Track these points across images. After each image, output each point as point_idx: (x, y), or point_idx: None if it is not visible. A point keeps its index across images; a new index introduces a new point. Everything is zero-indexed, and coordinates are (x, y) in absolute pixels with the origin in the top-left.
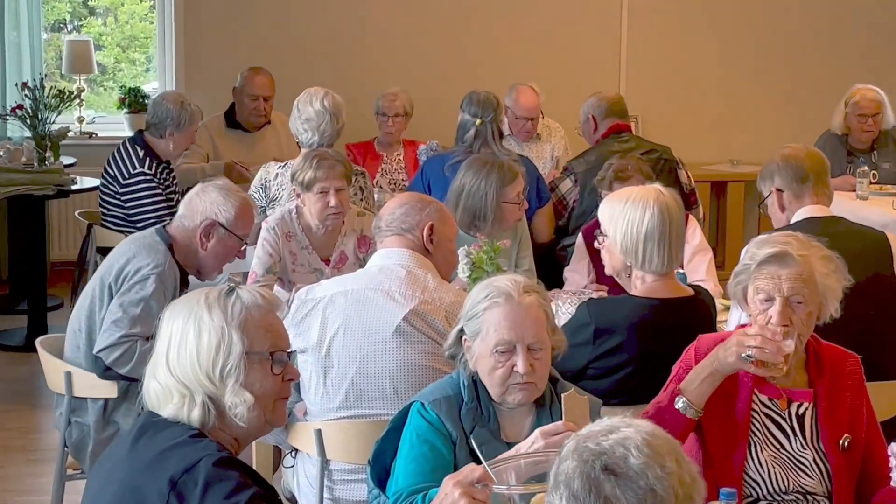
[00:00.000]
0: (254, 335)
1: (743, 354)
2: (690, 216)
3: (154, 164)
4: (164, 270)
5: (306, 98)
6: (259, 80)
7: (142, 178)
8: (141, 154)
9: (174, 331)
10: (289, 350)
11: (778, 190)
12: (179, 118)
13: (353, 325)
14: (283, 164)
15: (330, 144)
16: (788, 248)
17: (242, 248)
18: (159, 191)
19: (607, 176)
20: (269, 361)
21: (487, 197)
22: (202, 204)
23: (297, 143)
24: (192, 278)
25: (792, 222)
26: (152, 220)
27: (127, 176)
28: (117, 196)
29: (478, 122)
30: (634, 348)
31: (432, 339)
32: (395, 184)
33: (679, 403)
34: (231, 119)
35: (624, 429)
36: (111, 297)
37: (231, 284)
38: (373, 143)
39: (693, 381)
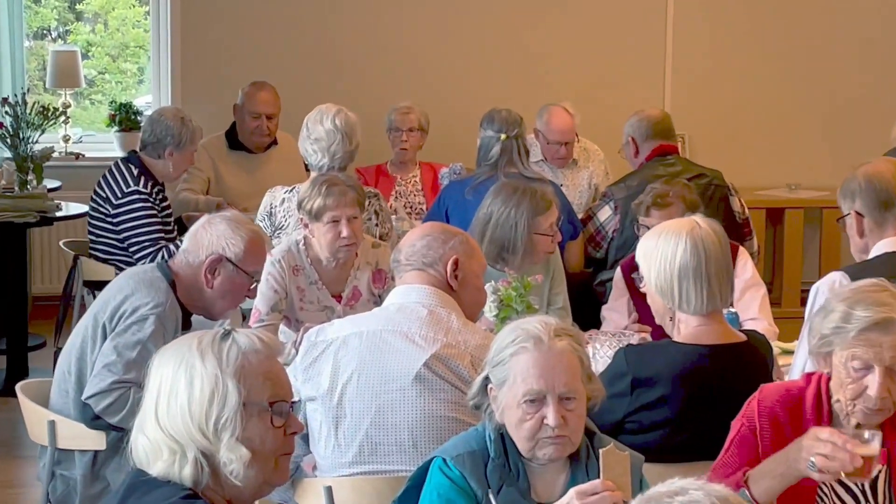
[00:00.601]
0: (252, 384)
1: (807, 463)
2: (741, 248)
3: (150, 185)
4: (164, 311)
5: (317, 116)
6: (262, 97)
7: (136, 196)
8: (135, 173)
9: (164, 379)
10: (291, 400)
11: (858, 214)
12: (180, 136)
13: (369, 371)
14: (290, 189)
15: (342, 168)
16: (892, 314)
17: (253, 287)
18: (155, 212)
19: (645, 201)
20: (269, 413)
21: (518, 227)
22: (208, 237)
23: (306, 165)
24: (195, 318)
25: (871, 256)
26: (147, 245)
27: (119, 195)
28: (108, 221)
29: (502, 136)
30: (678, 401)
31: (456, 388)
32: (411, 207)
33: (743, 494)
34: (233, 139)
35: (693, 491)
36: (105, 338)
37: (227, 327)
38: (384, 165)
39: (763, 474)
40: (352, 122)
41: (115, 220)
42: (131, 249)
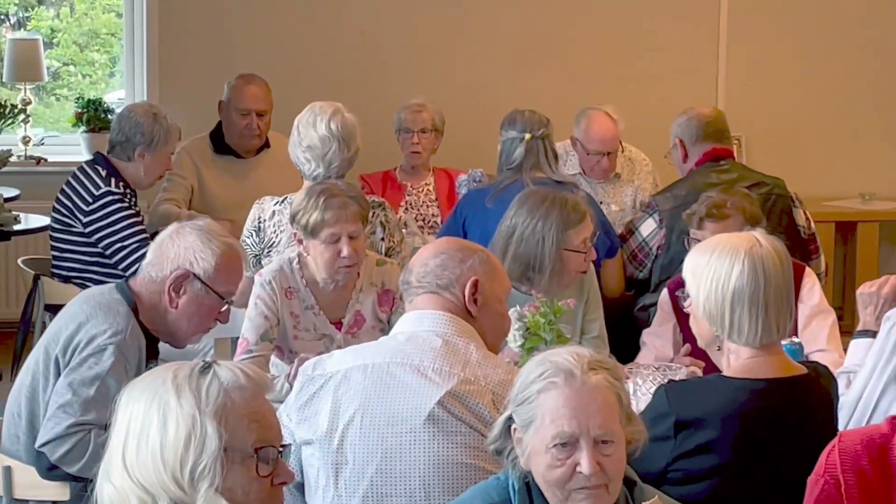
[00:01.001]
0: (235, 426)
1: None
2: (808, 269)
3: (122, 185)
4: (124, 338)
5: (309, 118)
6: (251, 91)
7: (110, 198)
8: (103, 174)
9: (133, 418)
10: (281, 445)
11: None
12: (152, 134)
13: (374, 410)
14: (280, 200)
15: (339, 176)
16: None
17: (224, 310)
18: (133, 212)
19: (698, 211)
20: (255, 460)
21: (545, 242)
22: (174, 249)
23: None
24: (163, 346)
25: None
26: (135, 249)
27: (90, 200)
28: (78, 233)
29: (526, 136)
30: (729, 447)
31: (474, 430)
32: (424, 220)
33: None
34: (219, 142)
35: None
36: (57, 374)
37: (206, 360)
38: (393, 172)
39: None
40: (349, 126)
41: (88, 231)
42: (116, 259)
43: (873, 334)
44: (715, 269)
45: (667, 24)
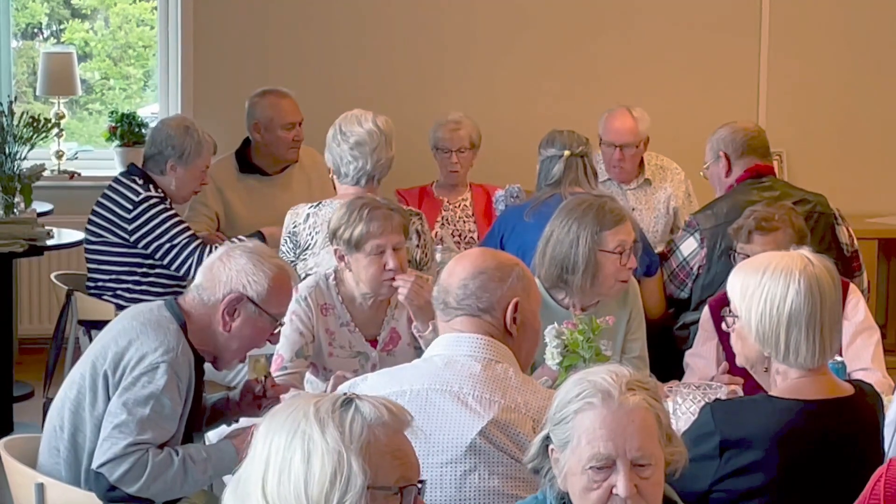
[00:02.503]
0: (378, 463)
1: None
2: (852, 285)
3: (160, 190)
4: (176, 356)
5: (351, 119)
6: (289, 105)
7: (151, 202)
8: (140, 182)
9: (274, 450)
10: (419, 480)
11: None
12: (183, 146)
13: (414, 439)
14: (314, 204)
15: (380, 179)
16: None
17: (276, 332)
18: (175, 212)
19: (746, 224)
20: (398, 497)
21: (579, 242)
22: (227, 272)
23: (333, 179)
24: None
25: None
26: (185, 245)
27: (131, 208)
28: (114, 243)
29: (566, 153)
30: (775, 468)
31: (515, 460)
32: (460, 236)
33: None
34: (245, 161)
35: None
36: (106, 389)
37: (347, 393)
38: (429, 187)
39: None
40: (391, 125)
41: (134, 239)
42: (168, 260)
43: None
44: (769, 289)
45: (708, 39)
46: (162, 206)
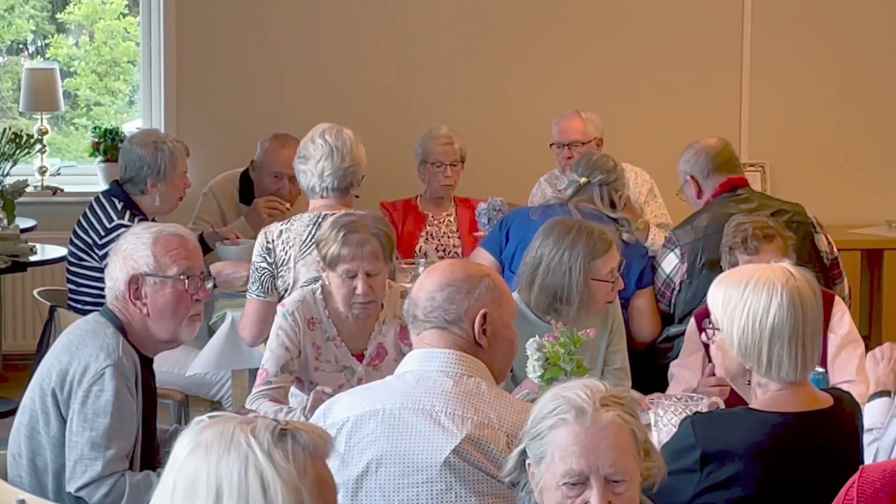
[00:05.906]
0: (328, 496)
1: None
2: (837, 298)
3: (136, 220)
4: (118, 358)
5: (309, 136)
6: (285, 155)
7: (122, 230)
8: (119, 206)
9: (226, 478)
10: None
11: None
12: (157, 164)
13: (389, 460)
14: (286, 220)
15: (340, 189)
16: None
17: (199, 289)
18: None
19: (754, 234)
20: None
21: (572, 273)
22: (117, 263)
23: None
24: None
25: None
26: None
27: (103, 234)
28: (92, 266)
29: (582, 180)
30: (756, 481)
31: (490, 476)
32: (444, 251)
33: None
34: (246, 193)
35: None
36: (57, 407)
37: (276, 419)
38: (414, 200)
39: None
40: (346, 139)
41: (105, 265)
42: None
43: (888, 394)
44: (751, 303)
45: (690, 50)
46: None
